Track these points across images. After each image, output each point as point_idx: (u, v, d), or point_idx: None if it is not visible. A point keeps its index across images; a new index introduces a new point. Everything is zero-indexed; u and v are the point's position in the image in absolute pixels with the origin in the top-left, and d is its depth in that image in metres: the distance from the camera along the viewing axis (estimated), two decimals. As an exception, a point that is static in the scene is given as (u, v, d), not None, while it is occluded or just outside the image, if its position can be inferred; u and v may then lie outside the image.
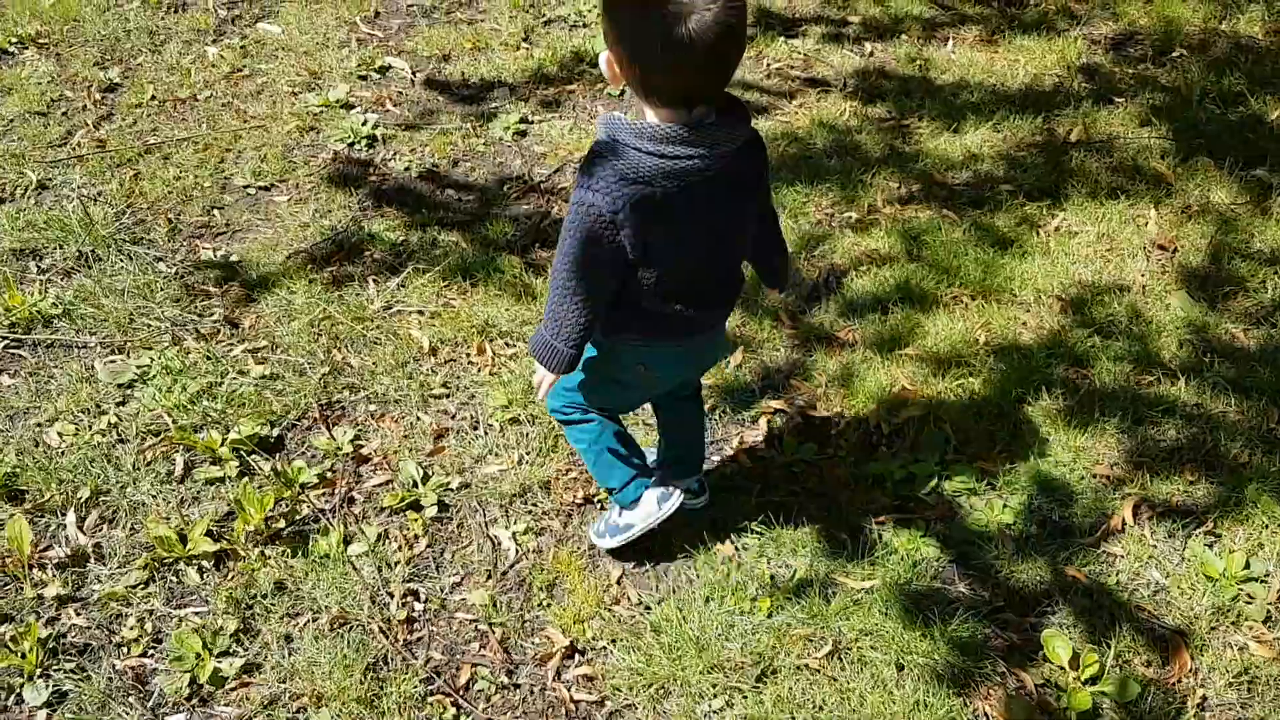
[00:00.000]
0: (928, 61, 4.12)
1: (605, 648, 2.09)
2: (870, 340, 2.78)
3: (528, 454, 2.47)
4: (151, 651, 2.06)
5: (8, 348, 2.71)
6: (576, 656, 2.08)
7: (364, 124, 3.65)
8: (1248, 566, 2.19)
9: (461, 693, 2.01)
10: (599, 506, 2.36)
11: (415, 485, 2.38)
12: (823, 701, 1.98)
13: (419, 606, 2.16)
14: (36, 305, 2.77)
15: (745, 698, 1.98)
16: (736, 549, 2.28)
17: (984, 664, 2.05)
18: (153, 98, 3.76)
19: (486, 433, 2.54)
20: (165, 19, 4.29)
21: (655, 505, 2.15)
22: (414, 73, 4.05)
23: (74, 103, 3.73)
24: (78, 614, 2.11)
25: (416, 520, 2.31)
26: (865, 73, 4.04)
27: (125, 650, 2.06)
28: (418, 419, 2.57)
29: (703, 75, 1.54)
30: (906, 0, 4.62)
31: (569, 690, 2.03)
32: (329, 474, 2.40)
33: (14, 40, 4.03)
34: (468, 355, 2.75)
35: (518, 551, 2.27)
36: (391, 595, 2.16)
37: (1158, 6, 4.49)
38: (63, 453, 2.40)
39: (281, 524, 2.25)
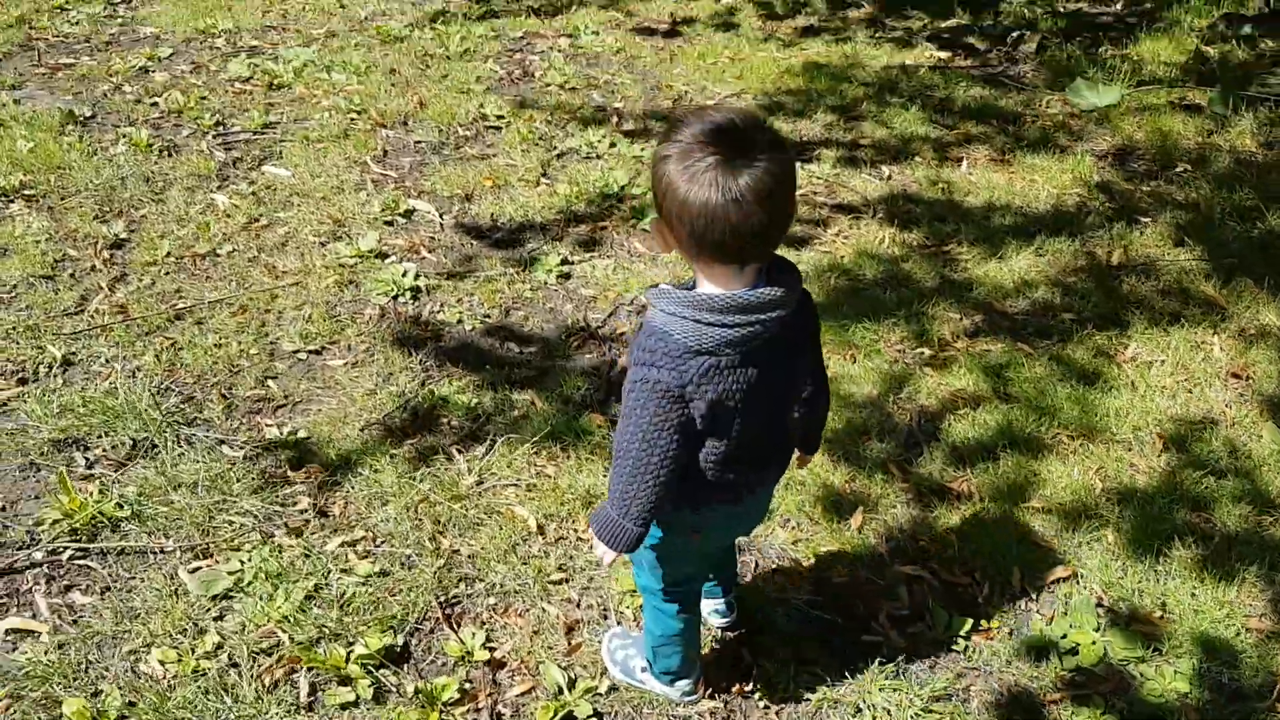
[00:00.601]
0: (949, 184, 4.17)
1: None
2: (988, 491, 2.72)
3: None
4: None
5: (74, 558, 2.44)
6: None
7: (404, 274, 3.50)
8: None
9: None
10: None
11: (561, 692, 2.19)
12: None
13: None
14: (99, 507, 2.51)
15: None
16: None
17: None
18: (168, 254, 3.54)
19: (619, 621, 2.37)
20: (159, 164, 4.08)
21: (677, 695, 2.19)
22: (440, 215, 3.91)
23: (80, 263, 3.48)
24: None
25: (576, 735, 2.11)
26: (891, 198, 4.06)
27: None
28: (543, 611, 2.39)
29: (759, 230, 1.50)
30: (911, 121, 4.69)
31: None
32: (467, 685, 2.19)
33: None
34: (576, 532, 2.58)
35: None
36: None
37: (1149, 121, 4.65)
38: (171, 686, 2.14)
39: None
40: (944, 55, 5.64)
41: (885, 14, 6.21)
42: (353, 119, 4.55)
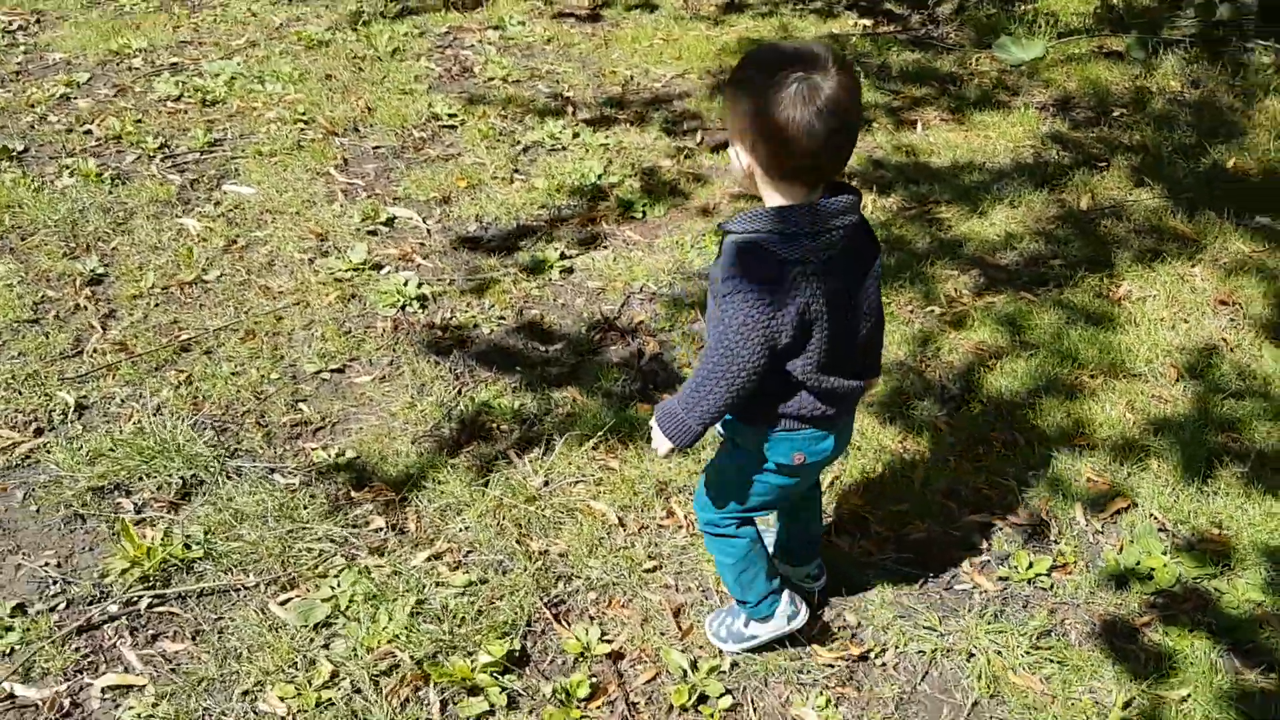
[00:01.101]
0: (912, 147, 4.31)
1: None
2: (1035, 436, 2.83)
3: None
4: None
5: (152, 606, 2.34)
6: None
7: (405, 284, 3.44)
8: None
9: None
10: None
11: (687, 674, 2.22)
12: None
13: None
14: (167, 550, 2.41)
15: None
16: (1042, 681, 2.24)
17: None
18: (153, 285, 3.40)
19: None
20: (114, 193, 3.90)
21: (784, 621, 2.20)
22: (424, 220, 3.85)
23: (62, 303, 3.31)
24: None
25: (712, 714, 2.14)
26: (860, 164, 4.16)
27: None
28: (646, 599, 2.41)
29: (838, 144, 1.66)
30: (879, 94, 4.81)
31: None
32: (594, 680, 2.20)
33: (-51, 238, 3.54)
34: (657, 521, 2.60)
35: None
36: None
37: (1078, 71, 4.87)
38: (294, 717, 2.08)
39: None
40: (867, 22, 5.78)
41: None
42: (302, 129, 4.43)
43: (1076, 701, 2.18)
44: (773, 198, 1.75)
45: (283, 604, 2.34)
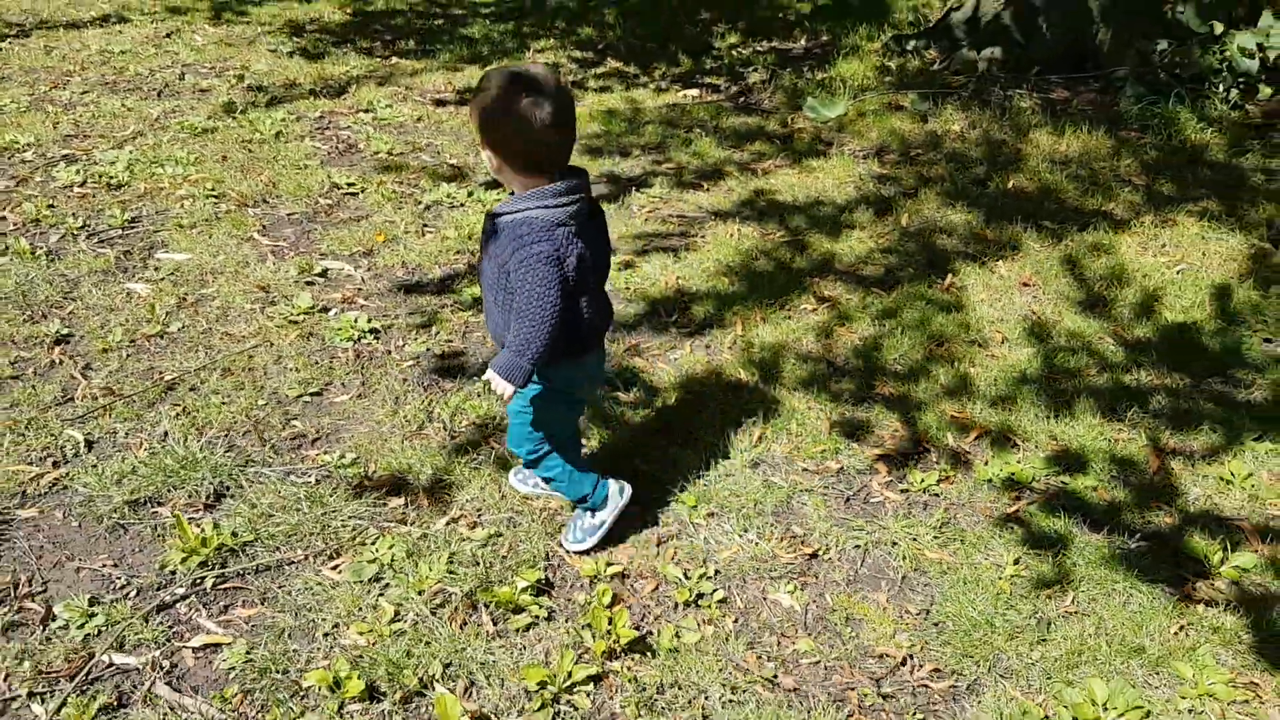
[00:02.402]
0: (765, 190, 5.10)
1: None
2: (909, 389, 3.57)
3: (750, 529, 2.95)
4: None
5: (218, 585, 2.71)
6: None
7: (355, 321, 3.89)
8: None
9: None
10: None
11: (680, 581, 2.78)
12: None
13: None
14: (218, 538, 2.79)
15: None
16: (950, 554, 2.92)
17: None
18: (121, 340, 3.71)
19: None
20: (54, 267, 4.18)
21: (619, 497, 2.80)
22: (355, 269, 4.31)
23: (37, 361, 3.59)
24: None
25: (709, 605, 2.71)
26: (729, 207, 4.93)
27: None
28: (633, 533, 2.95)
29: (568, 139, 2.26)
30: (707, 148, 5.61)
31: None
32: (611, 594, 2.73)
33: (-100, 316, 3.75)
34: (626, 475, 3.16)
35: (808, 611, 2.75)
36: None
37: (876, 123, 5.84)
38: (379, 646, 2.51)
39: (621, 639, 2.55)
40: (694, 93, 6.63)
41: (627, 65, 7.14)
42: (215, 203, 4.80)
43: (979, 565, 2.86)
44: (522, 188, 2.29)
45: (335, 569, 2.75)
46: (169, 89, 6.45)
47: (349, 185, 5.05)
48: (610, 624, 2.51)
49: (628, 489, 2.83)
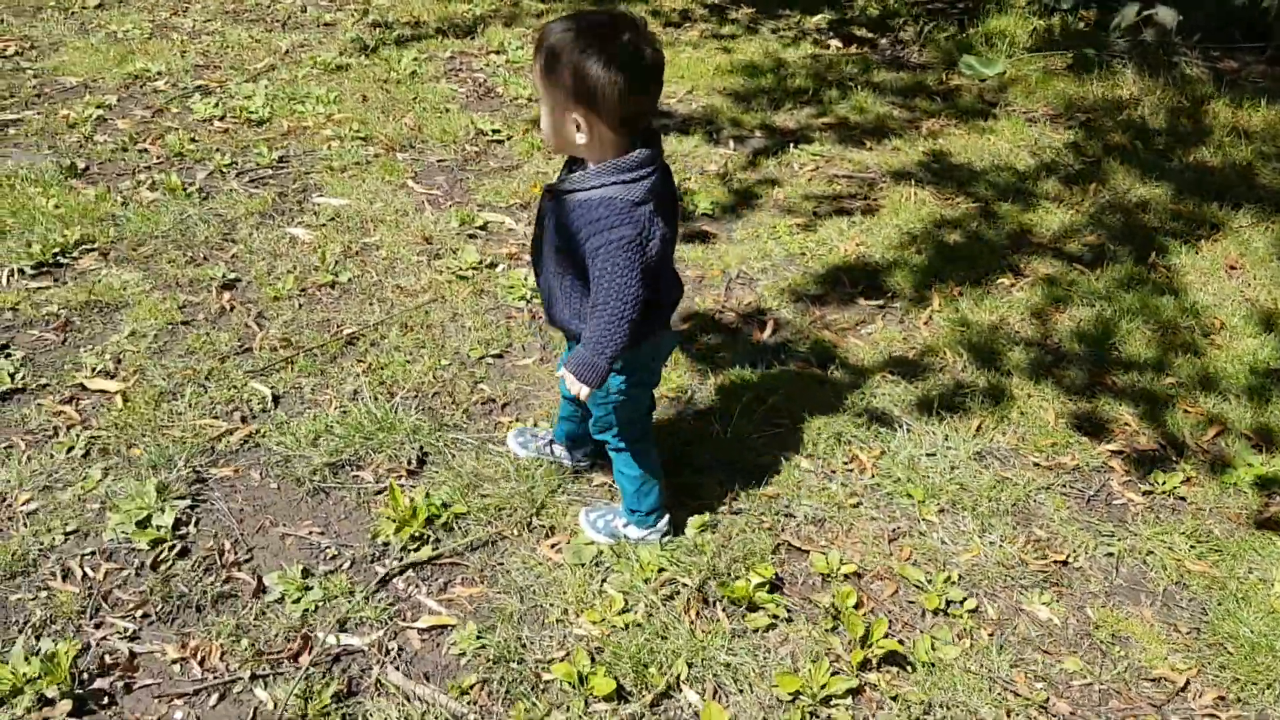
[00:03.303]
0: (936, 151, 4.80)
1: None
2: (1141, 381, 3.30)
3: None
4: None
5: (434, 559, 2.54)
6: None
7: (525, 278, 3.68)
8: None
9: None
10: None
11: (923, 586, 2.56)
12: None
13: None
14: (428, 508, 2.61)
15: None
16: (1212, 566, 2.68)
17: None
18: (292, 288, 3.53)
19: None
20: (208, 205, 4.01)
21: (658, 537, 2.55)
22: (515, 222, 4.10)
23: (206, 306, 3.43)
24: None
25: (960, 615, 2.49)
26: (904, 168, 4.63)
27: None
28: (860, 529, 2.73)
29: (656, 95, 1.98)
30: (865, 101, 5.30)
31: None
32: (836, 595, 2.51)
33: (57, 250, 3.60)
34: (844, 465, 2.93)
35: (1069, 625, 2.52)
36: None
37: (1040, 84, 5.49)
38: (611, 636, 2.33)
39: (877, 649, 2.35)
40: (837, 44, 6.30)
41: (762, 14, 6.81)
42: (361, 145, 4.60)
43: (1244, 579, 2.61)
44: (597, 152, 1.97)
45: (553, 548, 2.56)
46: (292, 20, 6.23)
47: (494, 132, 4.83)
48: (867, 632, 2.29)
49: (669, 536, 2.57)
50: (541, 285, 2.22)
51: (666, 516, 2.54)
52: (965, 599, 2.51)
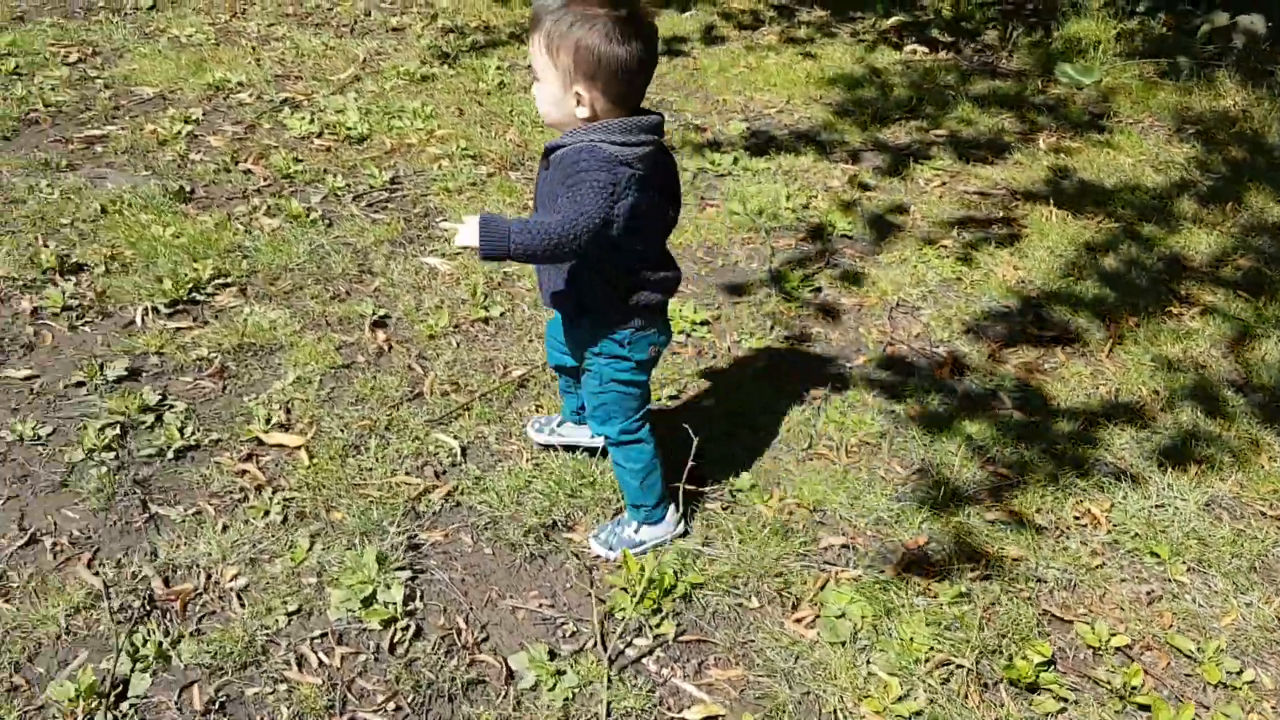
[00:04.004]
0: (1060, 166, 4.67)
1: None
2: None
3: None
4: None
5: (679, 636, 2.38)
6: None
7: (694, 311, 3.52)
8: None
9: None
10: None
11: (1193, 655, 2.43)
12: None
13: None
14: (665, 579, 2.44)
15: None
16: None
17: None
18: (448, 325, 3.35)
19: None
20: (333, 232, 3.81)
21: (671, 527, 2.52)
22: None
23: (363, 347, 3.25)
24: None
25: (1240, 686, 2.35)
26: (1035, 185, 4.49)
27: None
28: (1114, 591, 2.59)
29: (652, 70, 2.01)
30: (971, 113, 5.16)
31: None
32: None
33: (191, 285, 3.39)
34: (1076, 520, 2.79)
35: None
36: None
37: (1142, 93, 5.37)
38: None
39: None
40: (922, 50, 6.14)
41: (835, 17, 6.64)
42: (472, 164, 4.40)
43: None
44: (597, 122, 2.00)
45: (799, 622, 2.40)
46: (360, 25, 6.01)
47: (602, 146, 4.61)
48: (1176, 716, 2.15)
49: (682, 528, 2.55)
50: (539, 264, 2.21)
51: (672, 506, 2.50)
52: (1242, 670, 2.36)
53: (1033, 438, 3.02)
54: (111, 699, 2.07)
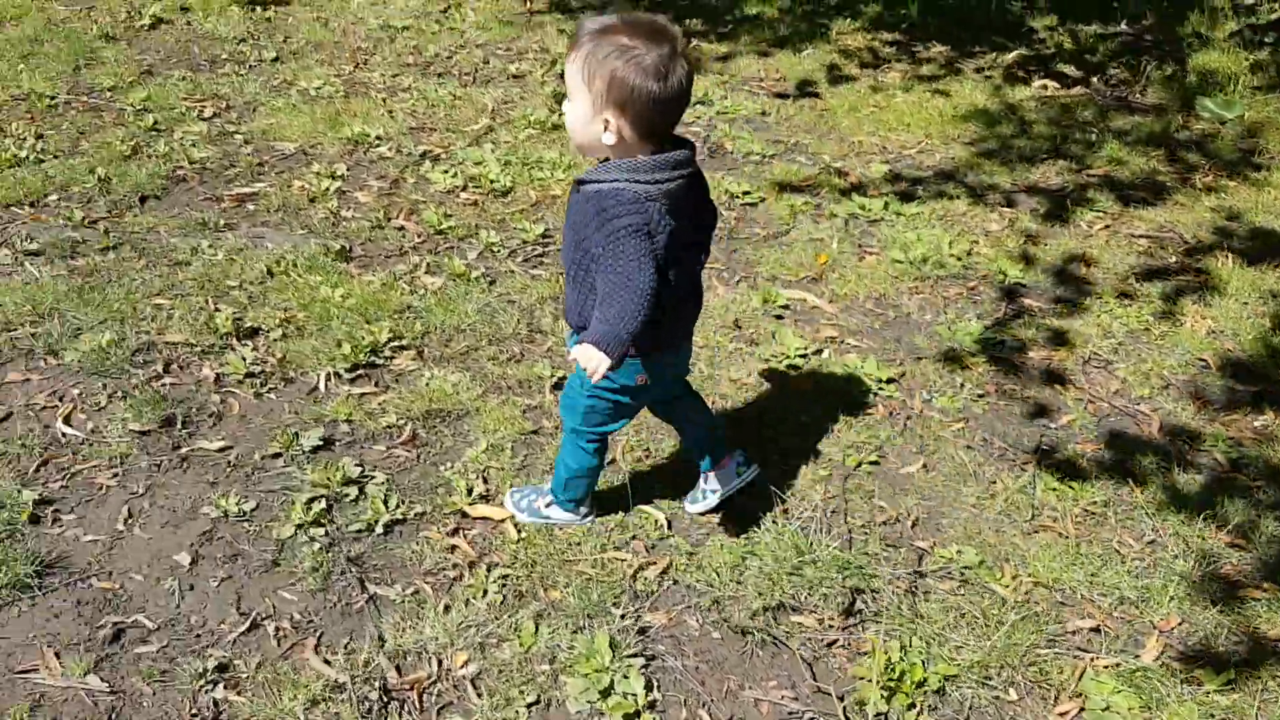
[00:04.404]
0: (1226, 209, 4.49)
1: None
2: None
3: None
4: None
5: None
6: None
7: (862, 364, 3.40)
8: None
9: None
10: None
11: None
12: None
13: None
14: (908, 669, 2.31)
15: None
16: None
17: None
18: (623, 386, 3.25)
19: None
20: (496, 290, 3.74)
21: (579, 520, 2.65)
22: (818, 298, 3.81)
23: (548, 412, 3.16)
24: None
25: None
26: (1194, 231, 4.32)
27: None
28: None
29: (684, 108, 1.98)
30: (1119, 152, 5.00)
31: None
32: None
33: (369, 349, 3.35)
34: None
35: None
36: None
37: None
38: None
39: None
40: (1052, 85, 5.99)
41: (955, 52, 6.51)
42: (620, 215, 4.32)
43: None
44: (627, 155, 1.99)
45: (1061, 716, 2.26)
46: (481, 74, 6.00)
47: (745, 194, 4.57)
48: None
49: (593, 517, 2.66)
50: (567, 283, 2.20)
51: (593, 514, 2.64)
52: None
53: (1265, 504, 2.85)
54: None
